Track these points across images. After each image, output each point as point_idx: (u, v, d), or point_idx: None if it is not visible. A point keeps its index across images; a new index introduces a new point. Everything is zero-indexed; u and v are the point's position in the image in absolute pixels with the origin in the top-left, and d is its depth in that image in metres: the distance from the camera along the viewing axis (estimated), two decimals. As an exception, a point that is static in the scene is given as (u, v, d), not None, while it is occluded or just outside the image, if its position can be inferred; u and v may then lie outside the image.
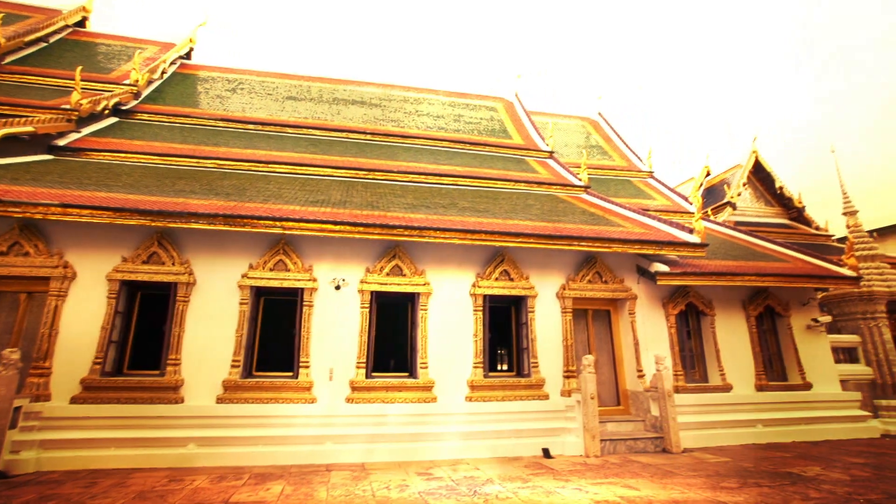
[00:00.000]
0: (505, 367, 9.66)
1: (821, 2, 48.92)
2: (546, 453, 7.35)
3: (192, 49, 16.66)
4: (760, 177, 17.89)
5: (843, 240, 17.22)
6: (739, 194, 17.16)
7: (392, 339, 8.98)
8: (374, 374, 7.79)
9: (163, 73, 14.23)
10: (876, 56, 44.84)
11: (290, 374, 7.46)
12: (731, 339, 9.37)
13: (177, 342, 7.07)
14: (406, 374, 8.05)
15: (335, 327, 7.67)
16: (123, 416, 6.53)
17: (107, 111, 11.18)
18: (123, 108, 11.78)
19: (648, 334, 8.93)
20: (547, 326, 8.52)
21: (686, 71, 64.04)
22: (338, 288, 7.80)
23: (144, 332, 7.61)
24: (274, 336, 8.06)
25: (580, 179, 12.17)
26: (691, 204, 13.34)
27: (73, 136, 9.76)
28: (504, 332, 9.24)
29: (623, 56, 67.25)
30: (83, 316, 6.89)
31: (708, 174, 19.02)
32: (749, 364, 9.30)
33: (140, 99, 12.54)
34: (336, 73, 17.31)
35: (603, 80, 65.71)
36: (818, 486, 5.49)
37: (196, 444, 6.57)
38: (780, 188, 17.65)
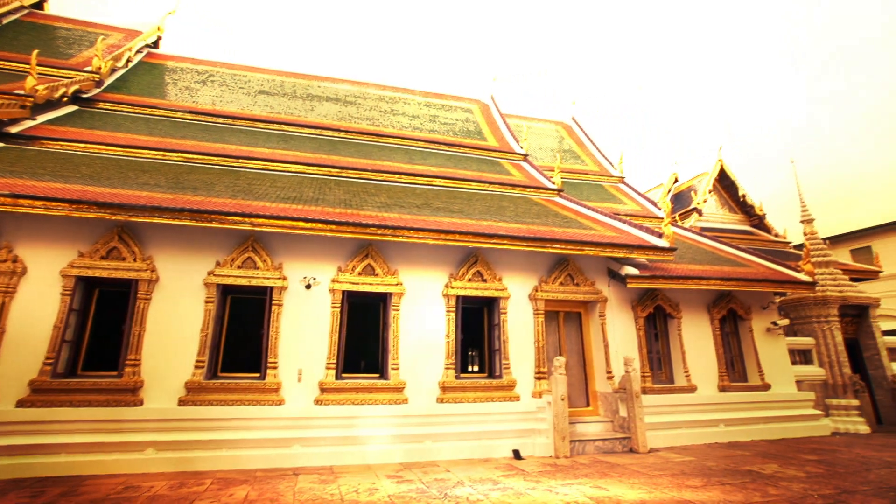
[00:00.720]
0: (476, 368, 9.66)
1: (819, 3, 48.97)
2: (517, 454, 7.38)
3: (159, 38, 16.05)
4: (725, 184, 18.54)
5: (799, 247, 18.03)
6: (705, 201, 17.74)
7: (363, 339, 8.84)
8: (344, 375, 7.65)
9: (128, 61, 13.65)
10: (862, 61, 45.56)
11: (258, 375, 7.25)
12: (697, 341, 9.65)
13: (137, 342, 6.76)
14: (377, 375, 7.94)
15: (305, 327, 7.50)
16: (76, 419, 6.18)
17: (65, 98, 10.63)
18: (84, 95, 11.23)
19: (618, 336, 9.09)
20: (519, 328, 8.57)
21: (663, 74, 65.86)
22: (308, 287, 7.63)
23: (102, 331, 7.24)
24: (241, 336, 7.81)
25: (553, 183, 12.32)
26: (660, 209, 13.70)
27: (28, 124, 9.23)
28: (476, 333, 9.24)
29: (602, 60, 68.61)
30: (33, 314, 6.50)
31: (676, 181, 19.65)
32: (713, 365, 9.59)
33: (102, 87, 11.98)
34: (310, 69, 17.01)
35: (578, 85, 66.93)
36: (776, 483, 5.70)
37: (155, 448, 6.29)
38: (743, 196, 18.33)
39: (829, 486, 5.57)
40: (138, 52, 14.57)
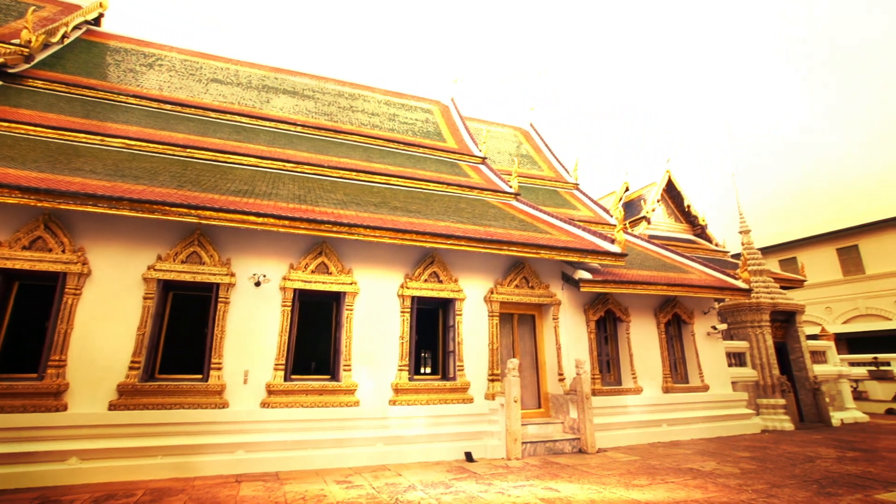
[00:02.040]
0: (429, 370, 9.59)
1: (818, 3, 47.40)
2: (469, 457, 7.36)
3: (102, 15, 14.93)
4: (672, 195, 19.47)
5: (737, 256, 19.19)
6: (654, 210, 18.56)
7: (315, 340, 8.56)
8: (293, 376, 7.37)
9: (64, 37, 12.61)
10: (858, 62, 45.42)
11: (200, 376, 6.84)
12: (644, 344, 10.03)
13: (63, 341, 6.20)
14: (328, 376, 7.70)
15: (253, 327, 7.16)
16: (-12, 426, 5.59)
17: (-13, 73, 9.68)
18: (10, 70, 10.26)
19: (570, 339, 9.29)
20: (474, 330, 8.58)
21: (626, 80, 68.35)
22: (258, 284, 7.30)
23: (21, 329, 6.59)
24: (183, 335, 7.34)
25: (511, 186, 12.47)
26: (612, 216, 14.18)
27: (-60, 98, 8.33)
28: (431, 334, 9.17)
29: (564, 65, 70.21)
30: (-60, 308, 5.84)
31: (627, 189, 20.40)
32: (658, 368, 10.00)
33: (33, 63, 10.99)
34: (268, 60, 16.37)
35: (538, 91, 68.39)
36: (715, 479, 5.98)
37: (80, 457, 5.78)
38: (688, 206, 19.32)
39: (761, 480, 5.91)
40: (77, 28, 13.51)
